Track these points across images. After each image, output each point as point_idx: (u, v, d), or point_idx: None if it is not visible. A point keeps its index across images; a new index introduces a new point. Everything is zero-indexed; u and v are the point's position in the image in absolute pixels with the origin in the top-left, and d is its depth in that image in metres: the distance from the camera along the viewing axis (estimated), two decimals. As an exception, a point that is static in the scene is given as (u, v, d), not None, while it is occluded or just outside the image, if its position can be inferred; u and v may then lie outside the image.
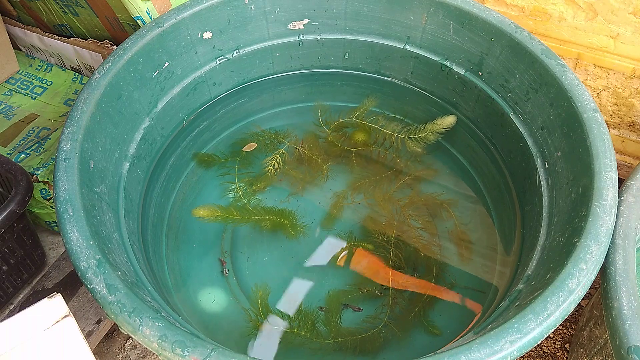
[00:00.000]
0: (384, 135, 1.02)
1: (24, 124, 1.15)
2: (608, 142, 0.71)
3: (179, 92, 0.97)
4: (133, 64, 0.85)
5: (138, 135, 0.89)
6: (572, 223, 0.68)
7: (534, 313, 0.56)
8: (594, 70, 1.04)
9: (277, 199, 0.96)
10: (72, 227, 0.63)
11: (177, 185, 0.97)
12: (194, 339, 0.54)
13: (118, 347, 1.04)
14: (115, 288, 0.58)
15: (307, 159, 1.01)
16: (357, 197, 0.96)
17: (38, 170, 1.00)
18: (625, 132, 1.11)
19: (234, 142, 1.04)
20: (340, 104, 1.10)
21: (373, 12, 1.00)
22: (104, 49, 1.11)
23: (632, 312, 0.62)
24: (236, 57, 1.03)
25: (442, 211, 0.93)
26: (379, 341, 0.79)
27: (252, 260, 0.88)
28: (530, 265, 0.73)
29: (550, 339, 1.04)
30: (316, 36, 1.06)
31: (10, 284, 0.96)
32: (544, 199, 0.81)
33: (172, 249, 0.89)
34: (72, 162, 0.70)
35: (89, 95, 0.78)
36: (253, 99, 1.11)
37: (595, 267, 0.61)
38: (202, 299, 0.84)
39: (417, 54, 1.02)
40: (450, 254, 0.88)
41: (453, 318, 0.81)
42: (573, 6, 0.98)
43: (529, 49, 0.84)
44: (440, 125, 1.00)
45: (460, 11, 0.91)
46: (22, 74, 1.26)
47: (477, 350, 0.53)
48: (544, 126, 0.84)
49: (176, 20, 0.89)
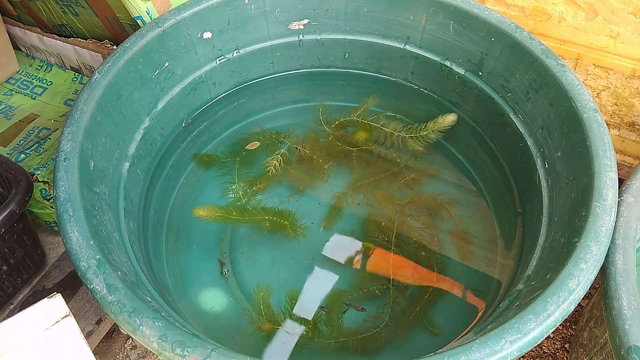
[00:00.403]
0: (385, 134, 1.02)
1: (24, 124, 1.15)
2: (608, 142, 0.71)
3: (179, 92, 0.97)
4: (133, 64, 0.85)
5: (138, 135, 0.89)
6: (572, 223, 0.68)
7: (534, 313, 0.56)
8: (594, 70, 1.04)
9: (278, 199, 0.95)
10: (72, 227, 0.63)
11: (177, 186, 0.97)
12: (194, 339, 0.54)
13: (118, 347, 1.04)
14: (115, 288, 0.58)
15: (308, 158, 1.01)
16: (357, 197, 0.96)
17: (38, 170, 1.00)
18: (625, 132, 1.11)
19: (234, 142, 1.04)
20: (341, 104, 1.10)
21: (373, 12, 1.00)
22: (104, 49, 1.11)
23: (632, 312, 0.62)
24: (236, 57, 1.03)
25: (443, 211, 0.93)
26: (380, 341, 0.79)
27: (252, 260, 0.88)
28: (530, 265, 0.73)
29: (550, 339, 1.04)
30: (316, 36, 1.06)
31: (10, 284, 0.96)
32: (544, 199, 0.81)
33: (172, 249, 0.89)
34: (72, 162, 0.70)
35: (89, 95, 0.78)
36: (253, 99, 1.11)
37: (595, 267, 0.61)
38: (202, 299, 0.84)
39: (417, 54, 1.02)
40: (451, 253, 0.88)
41: (453, 318, 0.81)
42: (573, 6, 0.98)
43: (529, 49, 0.84)
44: (441, 123, 1.00)
45: (460, 11, 0.91)
46: (22, 74, 1.26)
47: (477, 350, 0.53)
48: (544, 126, 0.84)
49: (176, 20, 0.89)
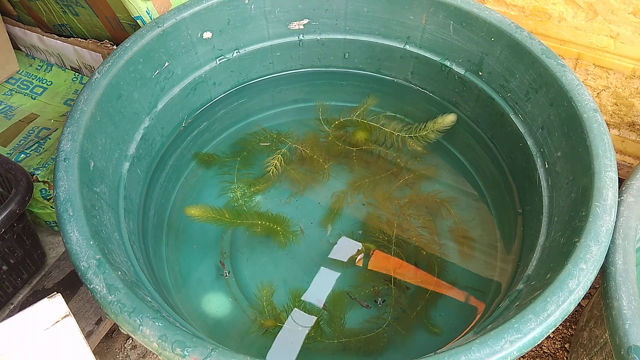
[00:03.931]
0: (385, 134, 1.02)
1: (24, 124, 1.15)
2: (608, 142, 0.71)
3: (179, 92, 0.97)
4: (133, 64, 0.85)
5: (138, 135, 0.89)
6: (572, 223, 0.68)
7: (534, 313, 0.56)
8: (594, 70, 1.04)
9: (278, 199, 0.95)
10: (72, 227, 0.63)
11: (177, 186, 0.97)
12: (194, 339, 0.54)
13: (118, 347, 1.04)
14: (115, 288, 0.58)
15: (309, 158, 1.01)
16: (358, 197, 0.96)
17: (38, 170, 1.00)
18: (625, 132, 1.11)
19: (234, 142, 1.04)
20: (341, 104, 1.10)
21: (373, 12, 1.00)
22: (104, 49, 1.11)
23: (632, 312, 0.62)
24: (236, 57, 1.03)
25: (443, 210, 0.93)
26: (382, 340, 0.79)
27: (252, 260, 0.88)
28: (530, 265, 0.73)
29: (550, 339, 1.04)
30: (316, 36, 1.06)
31: (10, 283, 0.96)
32: (544, 198, 0.81)
33: (172, 249, 0.89)
34: (72, 162, 0.70)
35: (89, 95, 0.78)
36: (253, 98, 1.11)
37: (595, 267, 0.61)
38: (202, 298, 0.84)
39: (417, 54, 1.02)
40: (451, 253, 0.88)
41: (453, 317, 0.81)
42: (573, 6, 0.98)
43: (529, 49, 0.84)
44: (440, 123, 1.00)
45: (460, 11, 0.91)
46: (22, 74, 1.26)
47: (477, 350, 0.53)
48: (544, 126, 0.84)
49: (176, 20, 0.89)
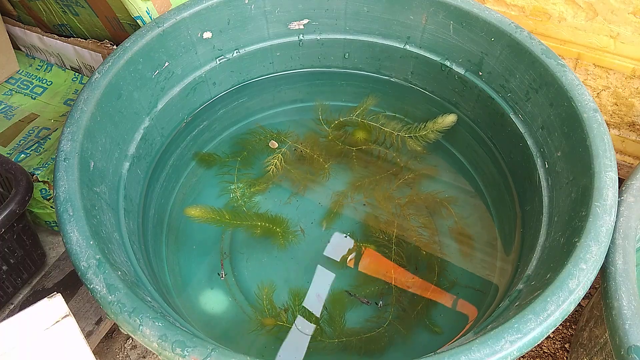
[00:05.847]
0: (385, 134, 1.02)
1: (24, 124, 1.15)
2: (608, 142, 0.71)
3: (179, 92, 0.97)
4: (133, 64, 0.85)
5: (138, 135, 0.89)
6: (572, 223, 0.68)
7: (534, 313, 0.56)
8: (594, 70, 1.04)
9: (278, 199, 0.95)
10: (72, 227, 0.63)
11: (177, 186, 0.97)
12: (194, 339, 0.54)
13: (118, 347, 1.04)
14: (115, 288, 0.58)
15: (309, 158, 1.01)
16: (358, 197, 0.96)
17: (38, 170, 1.00)
18: (625, 132, 1.11)
19: (234, 142, 1.04)
20: (340, 104, 1.10)
21: (373, 12, 1.00)
22: (104, 49, 1.11)
23: (632, 312, 0.62)
24: (236, 57, 1.03)
25: (443, 210, 0.93)
26: (383, 340, 0.79)
27: (252, 260, 0.88)
28: (530, 265, 0.73)
29: (550, 339, 1.04)
30: (316, 36, 1.06)
31: (10, 283, 0.96)
32: (544, 198, 0.81)
33: (172, 249, 0.89)
34: (72, 162, 0.70)
35: (89, 95, 0.78)
36: (253, 98, 1.11)
37: (595, 267, 0.61)
38: (202, 298, 0.84)
39: (417, 54, 1.02)
40: (451, 253, 0.88)
41: (453, 317, 0.81)
42: (573, 6, 0.98)
43: (529, 49, 0.84)
44: (440, 123, 1.00)
45: (460, 11, 0.91)
46: (22, 73, 1.26)
47: (477, 350, 0.53)
48: (544, 126, 0.84)
49: (176, 20, 0.89)
